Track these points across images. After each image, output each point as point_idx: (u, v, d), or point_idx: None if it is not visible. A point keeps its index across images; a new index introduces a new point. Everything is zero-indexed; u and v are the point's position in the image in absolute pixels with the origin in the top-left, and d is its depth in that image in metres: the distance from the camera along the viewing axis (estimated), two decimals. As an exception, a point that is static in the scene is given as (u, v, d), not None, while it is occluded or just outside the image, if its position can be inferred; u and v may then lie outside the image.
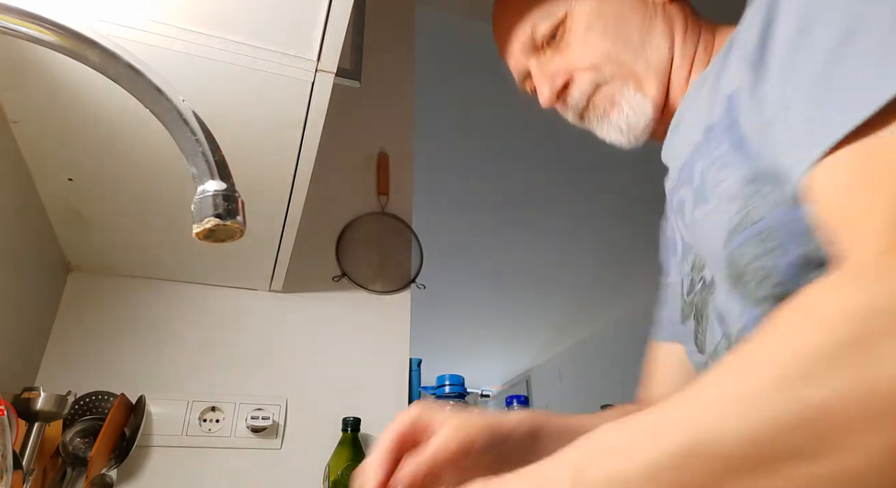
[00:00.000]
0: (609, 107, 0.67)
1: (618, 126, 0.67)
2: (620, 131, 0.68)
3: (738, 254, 0.49)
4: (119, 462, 1.04)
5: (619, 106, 0.67)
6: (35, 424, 0.90)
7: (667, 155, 0.68)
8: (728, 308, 0.53)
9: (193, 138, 0.42)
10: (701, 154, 0.56)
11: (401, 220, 1.52)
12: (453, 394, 1.14)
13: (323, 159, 0.98)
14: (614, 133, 0.68)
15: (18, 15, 0.42)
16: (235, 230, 0.40)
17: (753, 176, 0.48)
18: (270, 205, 0.99)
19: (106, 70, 0.43)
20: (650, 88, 0.66)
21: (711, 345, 0.58)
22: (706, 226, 0.54)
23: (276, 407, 1.22)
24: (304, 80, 0.76)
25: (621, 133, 0.68)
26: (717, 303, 0.56)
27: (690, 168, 0.58)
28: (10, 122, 0.80)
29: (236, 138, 0.84)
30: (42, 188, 0.94)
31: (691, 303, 0.61)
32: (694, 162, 0.58)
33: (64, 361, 1.13)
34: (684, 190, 0.59)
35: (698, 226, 0.56)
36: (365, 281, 1.42)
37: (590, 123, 0.70)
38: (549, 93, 0.69)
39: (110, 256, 1.16)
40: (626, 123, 0.67)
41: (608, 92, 0.67)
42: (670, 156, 0.66)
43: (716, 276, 0.55)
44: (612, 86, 0.67)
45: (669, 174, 0.67)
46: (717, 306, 0.56)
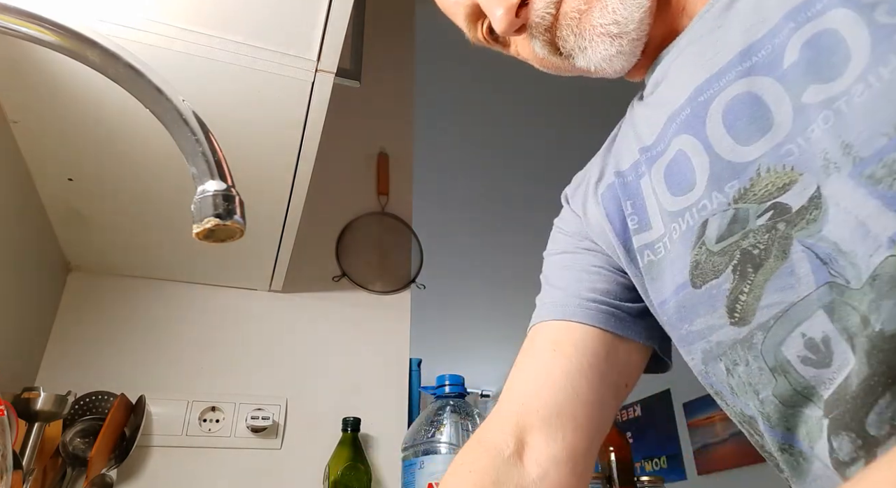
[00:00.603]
0: (584, 6, 0.49)
1: (603, 29, 0.49)
2: (609, 36, 0.49)
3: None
4: (119, 462, 1.04)
5: (599, 1, 0.49)
6: (35, 424, 0.90)
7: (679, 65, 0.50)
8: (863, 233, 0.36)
9: (193, 138, 0.41)
10: (811, 15, 0.40)
11: (401, 220, 1.52)
12: (453, 394, 1.14)
13: (323, 159, 0.98)
14: (601, 43, 0.50)
15: (18, 15, 0.42)
16: (235, 230, 0.40)
17: None
18: (270, 205, 0.99)
19: (106, 70, 0.43)
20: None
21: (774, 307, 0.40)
22: (842, 105, 0.37)
23: (276, 407, 1.22)
24: (304, 80, 0.77)
25: (611, 39, 0.50)
26: (827, 232, 0.37)
27: (773, 47, 0.42)
28: (10, 122, 0.80)
29: (236, 138, 0.84)
30: (42, 188, 0.94)
31: (727, 250, 0.43)
32: (780, 37, 0.41)
33: (64, 361, 1.13)
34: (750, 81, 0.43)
35: (811, 116, 0.39)
36: (365, 281, 1.42)
37: (565, 44, 0.52)
38: (504, 11, 0.50)
39: (110, 256, 1.16)
40: (615, 21, 0.49)
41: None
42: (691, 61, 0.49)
43: (836, 188, 0.37)
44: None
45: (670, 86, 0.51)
46: (826, 237, 0.38)
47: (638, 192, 0.53)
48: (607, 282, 0.57)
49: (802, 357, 0.40)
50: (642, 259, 0.53)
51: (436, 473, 1.02)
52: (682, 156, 0.48)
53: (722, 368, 0.46)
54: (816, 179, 0.38)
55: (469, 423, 1.09)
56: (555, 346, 0.56)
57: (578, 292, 0.58)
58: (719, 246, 0.44)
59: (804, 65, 0.39)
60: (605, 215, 0.56)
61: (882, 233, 0.35)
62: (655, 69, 0.53)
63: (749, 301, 0.42)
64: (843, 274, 0.37)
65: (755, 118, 0.42)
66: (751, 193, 0.42)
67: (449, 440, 1.06)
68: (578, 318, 0.56)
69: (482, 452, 0.53)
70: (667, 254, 0.50)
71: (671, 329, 0.52)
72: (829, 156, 0.37)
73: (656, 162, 0.51)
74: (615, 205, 0.55)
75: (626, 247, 0.54)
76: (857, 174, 0.36)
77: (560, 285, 0.60)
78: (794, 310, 0.40)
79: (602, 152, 0.62)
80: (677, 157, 0.48)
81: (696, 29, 0.50)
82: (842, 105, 0.37)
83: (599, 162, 0.61)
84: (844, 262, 0.37)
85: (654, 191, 0.51)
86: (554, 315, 0.58)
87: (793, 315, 0.40)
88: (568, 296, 0.58)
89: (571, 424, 0.53)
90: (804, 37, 0.40)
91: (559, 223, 0.66)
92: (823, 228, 0.38)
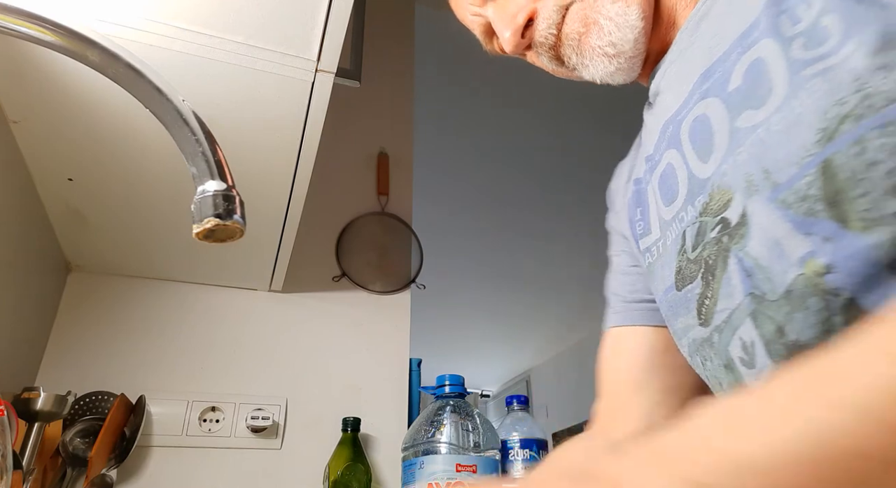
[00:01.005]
0: (583, 28, 0.54)
1: (601, 50, 0.54)
2: (607, 56, 0.54)
3: (843, 161, 0.35)
4: (119, 462, 1.04)
5: (596, 24, 0.54)
6: (35, 424, 0.90)
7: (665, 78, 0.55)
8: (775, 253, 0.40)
9: (193, 138, 0.42)
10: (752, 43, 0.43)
11: (401, 220, 1.52)
12: (453, 394, 1.14)
13: (323, 159, 0.98)
14: (600, 62, 0.55)
15: (18, 15, 0.42)
16: (235, 230, 0.40)
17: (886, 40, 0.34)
18: (270, 205, 0.99)
19: (106, 70, 0.43)
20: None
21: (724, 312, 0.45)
22: (765, 131, 0.40)
23: (276, 407, 1.22)
24: (304, 80, 0.77)
25: (608, 58, 0.54)
26: (749, 249, 0.42)
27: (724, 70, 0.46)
28: (10, 121, 0.80)
29: (236, 138, 0.84)
30: (42, 188, 0.94)
31: (698, 259, 0.48)
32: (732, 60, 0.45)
33: (64, 361, 1.13)
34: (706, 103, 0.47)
35: (743, 137, 0.42)
36: (365, 281, 1.42)
37: (569, 61, 0.57)
38: (510, 33, 0.57)
39: (110, 256, 1.16)
40: (611, 42, 0.53)
41: (578, 12, 0.54)
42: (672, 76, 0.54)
43: (757, 209, 0.41)
44: (584, 2, 0.54)
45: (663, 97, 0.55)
46: (748, 253, 0.42)
47: (645, 199, 0.58)
48: (643, 279, 0.62)
49: (740, 358, 0.45)
50: (645, 260, 0.58)
51: (436, 473, 1.02)
52: (671, 168, 0.52)
53: (699, 362, 0.51)
54: (743, 199, 0.42)
55: (469, 423, 1.09)
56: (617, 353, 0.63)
57: (623, 295, 0.64)
58: (694, 254, 0.49)
59: (743, 91, 0.43)
60: (627, 218, 0.62)
61: (793, 253, 0.39)
62: (652, 82, 0.58)
63: (710, 305, 0.47)
64: (761, 286, 0.41)
65: (705, 138, 0.47)
66: (709, 208, 0.46)
67: (449, 440, 1.06)
68: (627, 322, 0.63)
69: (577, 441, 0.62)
70: (660, 258, 0.55)
71: (667, 324, 0.57)
72: (751, 179, 0.42)
73: (654, 171, 0.56)
74: (632, 209, 0.61)
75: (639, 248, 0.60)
76: (773, 198, 0.40)
77: (612, 290, 0.66)
78: (734, 316, 0.44)
79: (630, 154, 0.67)
80: (667, 169, 0.53)
81: (676, 46, 0.55)
82: (762, 133, 0.41)
83: (628, 164, 0.66)
84: (762, 276, 0.41)
85: (655, 198, 0.56)
86: (611, 322, 0.65)
87: (733, 320, 0.45)
88: (618, 302, 0.64)
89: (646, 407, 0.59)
90: (746, 63, 0.44)
91: (608, 226, 0.71)
92: (748, 244, 0.42)
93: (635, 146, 0.66)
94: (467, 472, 1.01)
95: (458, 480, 1.00)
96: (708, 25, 0.50)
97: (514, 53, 0.60)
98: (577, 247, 3.41)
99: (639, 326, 0.61)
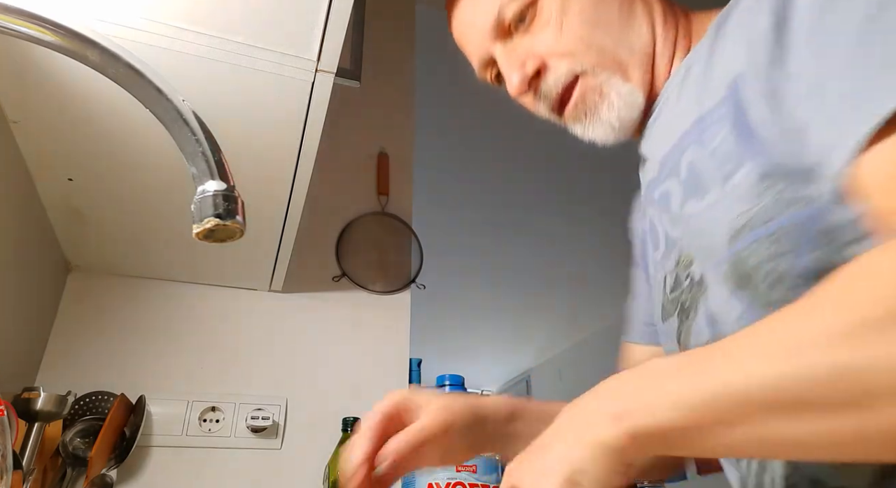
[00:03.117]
0: (599, 99, 0.60)
1: (608, 122, 0.60)
2: (611, 128, 0.60)
3: (746, 256, 0.46)
4: (119, 462, 1.04)
5: (609, 98, 0.59)
6: (35, 424, 0.90)
7: (647, 146, 0.63)
8: (724, 309, 0.50)
9: (193, 138, 0.42)
10: (690, 143, 0.52)
11: (401, 220, 1.52)
12: (453, 394, 1.14)
13: (323, 159, 0.98)
14: (601, 130, 0.61)
15: (18, 15, 0.42)
16: (235, 230, 0.40)
17: (766, 171, 0.44)
18: (270, 205, 0.99)
19: (106, 70, 0.43)
20: (637, 77, 0.60)
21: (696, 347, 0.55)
22: (701, 221, 0.50)
23: (276, 407, 1.22)
24: (304, 80, 0.77)
25: (612, 129, 0.61)
26: (709, 304, 0.52)
27: (676, 159, 0.54)
28: (10, 121, 0.80)
29: (236, 138, 0.84)
30: (42, 188, 0.94)
31: (675, 300, 0.57)
32: (680, 152, 0.54)
33: (64, 361, 1.13)
34: (669, 182, 0.56)
35: (690, 221, 0.52)
36: (365, 281, 1.42)
37: (572, 119, 0.62)
38: (518, 80, 0.61)
39: (110, 256, 1.16)
40: (618, 118, 0.60)
41: (593, 84, 0.60)
42: (650, 147, 0.62)
43: (709, 275, 0.51)
44: (597, 77, 0.59)
45: (647, 165, 0.63)
46: (709, 307, 0.52)
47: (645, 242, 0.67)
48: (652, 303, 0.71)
49: None
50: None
51: (436, 473, 1.02)
52: (656, 221, 0.61)
53: None
54: (700, 263, 0.53)
55: (469, 423, 1.09)
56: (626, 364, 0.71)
57: (637, 314, 0.72)
58: (672, 295, 0.58)
59: (688, 181, 0.53)
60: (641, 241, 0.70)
61: (731, 313, 0.49)
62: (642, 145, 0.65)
63: (686, 339, 0.56)
64: (718, 333, 0.51)
65: (671, 210, 0.56)
66: (681, 262, 0.56)
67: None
68: (637, 340, 0.72)
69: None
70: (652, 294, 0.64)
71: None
72: (701, 252, 0.52)
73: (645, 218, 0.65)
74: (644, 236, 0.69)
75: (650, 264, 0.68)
76: (717, 270, 0.50)
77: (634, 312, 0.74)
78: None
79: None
80: (652, 221, 0.62)
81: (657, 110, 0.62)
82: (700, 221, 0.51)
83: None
84: (718, 325, 0.51)
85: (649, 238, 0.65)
86: (626, 336, 0.74)
87: None
88: (632, 319, 0.73)
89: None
90: (689, 159, 0.53)
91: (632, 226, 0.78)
92: (709, 299, 0.52)
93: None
94: (467, 472, 1.02)
95: (458, 480, 1.00)
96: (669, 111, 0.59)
97: (516, 97, 0.64)
98: (577, 248, 3.42)
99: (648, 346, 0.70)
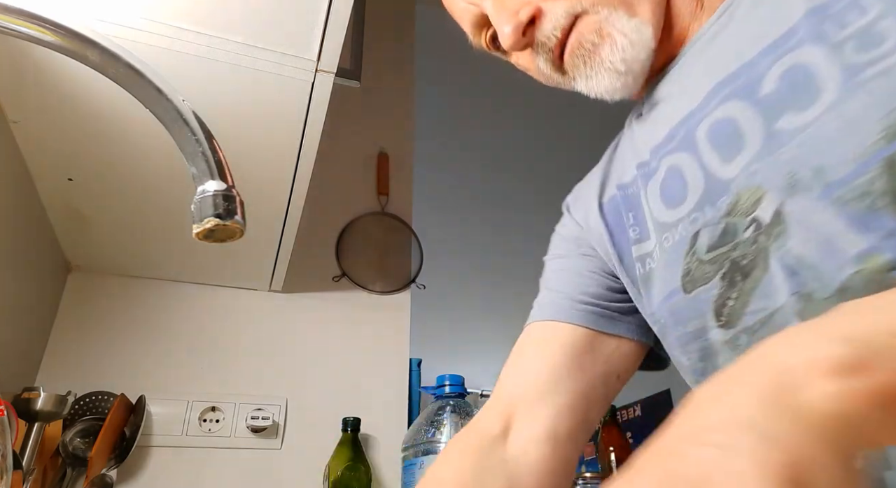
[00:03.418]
0: (598, 40, 0.52)
1: (612, 65, 0.52)
2: (616, 72, 0.53)
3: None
4: (119, 462, 1.04)
5: (610, 37, 0.52)
6: (35, 424, 0.90)
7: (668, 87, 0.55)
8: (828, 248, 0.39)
9: (193, 138, 0.42)
10: (788, 50, 0.43)
11: (401, 220, 1.52)
12: (453, 394, 1.14)
13: (323, 159, 0.98)
14: (607, 77, 0.53)
15: (18, 15, 0.42)
16: (235, 230, 0.40)
17: None
18: (270, 205, 0.99)
19: (106, 70, 0.43)
20: (644, 11, 0.52)
21: (759, 313, 0.44)
22: (813, 132, 0.40)
23: (276, 407, 1.22)
24: (304, 80, 0.77)
25: (617, 75, 0.53)
26: (791, 248, 0.41)
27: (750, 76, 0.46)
28: (10, 122, 0.80)
29: (236, 138, 0.84)
30: (42, 188, 0.94)
31: (718, 259, 0.47)
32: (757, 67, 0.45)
33: (64, 361, 1.13)
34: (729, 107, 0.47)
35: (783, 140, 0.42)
36: (365, 281, 1.42)
37: (572, 68, 0.55)
38: (512, 29, 0.53)
39: (110, 256, 1.16)
40: (623, 59, 0.52)
41: (592, 22, 0.52)
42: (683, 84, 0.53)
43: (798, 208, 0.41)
44: (597, 14, 0.52)
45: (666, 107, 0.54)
46: (791, 252, 0.41)
47: (638, 204, 0.57)
48: (599, 285, 0.62)
49: None
50: (641, 268, 0.56)
51: (436, 473, 1.02)
52: (676, 171, 0.52)
53: (709, 368, 0.50)
54: (778, 197, 0.42)
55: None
56: (542, 342, 0.61)
57: (570, 294, 0.62)
58: (709, 255, 0.47)
59: (780, 94, 0.44)
60: (604, 225, 0.60)
61: (849, 250, 0.38)
62: (653, 93, 0.57)
63: (736, 306, 0.45)
64: (807, 285, 0.41)
65: (731, 139, 0.47)
66: (737, 208, 0.46)
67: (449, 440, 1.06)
68: (564, 318, 0.60)
69: (472, 434, 0.59)
70: (657, 264, 0.54)
71: (666, 333, 0.55)
72: (796, 178, 0.41)
73: (652, 177, 0.55)
74: (616, 216, 0.59)
75: (621, 256, 0.59)
76: (826, 196, 0.39)
77: (555, 288, 0.64)
78: (776, 316, 0.43)
79: (602, 164, 0.66)
80: (671, 172, 0.52)
81: (683, 59, 0.55)
82: (812, 132, 0.41)
83: (600, 174, 0.64)
84: (809, 275, 0.41)
85: (649, 203, 0.55)
86: (544, 315, 0.63)
87: (775, 320, 0.43)
88: (560, 299, 0.62)
89: (553, 410, 0.58)
90: (781, 69, 0.44)
91: (560, 230, 0.69)
92: (788, 243, 0.42)
93: (605, 160, 0.65)
94: (467, 472, 1.01)
95: (458, 480, 1.00)
96: (727, 38, 0.50)
97: (512, 50, 0.57)
98: (577, 247, 3.41)
99: (573, 325, 0.60)
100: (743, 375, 0.24)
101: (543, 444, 0.56)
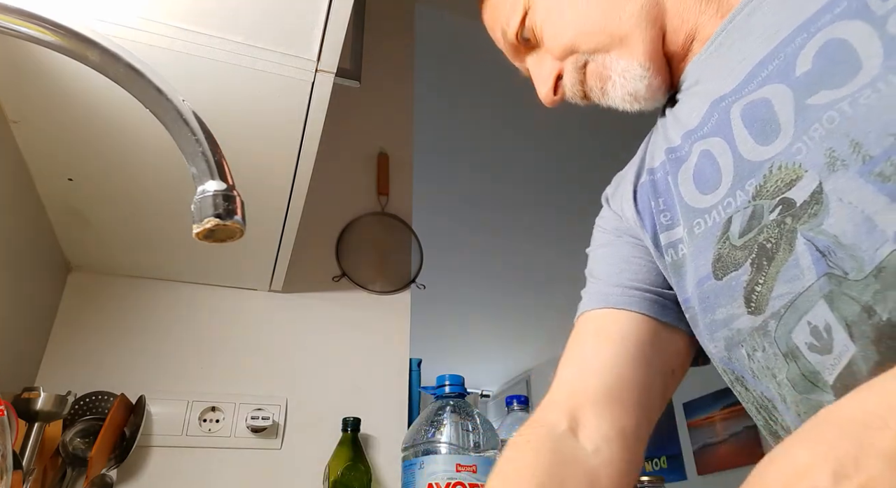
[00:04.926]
0: (602, 83, 0.61)
1: (621, 98, 0.60)
2: (628, 101, 0.60)
3: None
4: (119, 462, 1.04)
5: (610, 80, 0.60)
6: (35, 424, 0.90)
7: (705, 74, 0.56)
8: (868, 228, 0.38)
9: (193, 138, 0.42)
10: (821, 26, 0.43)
11: (401, 220, 1.52)
12: (453, 394, 1.14)
13: (323, 159, 0.98)
14: (622, 104, 0.61)
15: (18, 15, 0.42)
16: (235, 230, 0.40)
17: None
18: (270, 205, 0.99)
19: (106, 70, 0.43)
20: (636, 47, 0.58)
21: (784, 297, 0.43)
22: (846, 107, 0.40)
23: (276, 407, 1.21)
24: (304, 80, 0.77)
25: (631, 101, 0.60)
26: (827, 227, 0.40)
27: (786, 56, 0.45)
28: (10, 121, 0.80)
29: (236, 138, 0.84)
30: (42, 188, 0.94)
31: (748, 244, 0.46)
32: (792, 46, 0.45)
33: (64, 361, 1.13)
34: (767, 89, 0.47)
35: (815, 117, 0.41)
36: (365, 281, 1.42)
37: (597, 101, 0.64)
38: (545, 93, 0.66)
39: (110, 256, 1.16)
40: (627, 92, 0.59)
41: (594, 70, 0.61)
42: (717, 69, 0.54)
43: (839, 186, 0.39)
44: (597, 62, 0.60)
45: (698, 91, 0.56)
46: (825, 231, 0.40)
47: (667, 190, 0.58)
48: (648, 271, 0.61)
49: (809, 344, 0.42)
50: (674, 254, 0.56)
51: (436, 473, 1.02)
52: (709, 156, 0.52)
53: (744, 353, 0.49)
54: (819, 175, 0.41)
55: (469, 423, 1.09)
56: (599, 333, 0.60)
57: (620, 281, 0.61)
58: (741, 240, 0.47)
59: (815, 72, 0.43)
60: (636, 212, 0.61)
61: (889, 228, 0.37)
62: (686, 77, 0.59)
63: (763, 292, 0.45)
64: (840, 265, 0.39)
65: (767, 121, 0.46)
66: (764, 190, 0.45)
67: (449, 440, 1.05)
68: (621, 305, 0.59)
69: (539, 427, 0.56)
70: (688, 250, 0.54)
71: (696, 320, 0.55)
72: (835, 154, 0.40)
73: (683, 162, 0.56)
74: (646, 202, 0.60)
75: (656, 243, 0.58)
76: (865, 172, 0.38)
77: (602, 276, 0.64)
78: (800, 300, 0.42)
79: (640, 152, 0.67)
80: (703, 157, 0.53)
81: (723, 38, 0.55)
82: (845, 107, 0.40)
83: (637, 163, 0.66)
84: (843, 254, 0.39)
85: (680, 189, 0.55)
86: (598, 304, 0.61)
87: (799, 304, 0.42)
88: (610, 286, 0.62)
89: (619, 406, 0.56)
90: (815, 46, 0.43)
91: (600, 222, 0.70)
92: (824, 222, 0.40)
93: (641, 150, 0.66)
94: (467, 472, 1.01)
95: (458, 480, 1.00)
96: (760, 19, 0.50)
97: (551, 106, 0.68)
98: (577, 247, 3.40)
99: (630, 312, 0.59)
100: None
101: (614, 442, 0.55)
